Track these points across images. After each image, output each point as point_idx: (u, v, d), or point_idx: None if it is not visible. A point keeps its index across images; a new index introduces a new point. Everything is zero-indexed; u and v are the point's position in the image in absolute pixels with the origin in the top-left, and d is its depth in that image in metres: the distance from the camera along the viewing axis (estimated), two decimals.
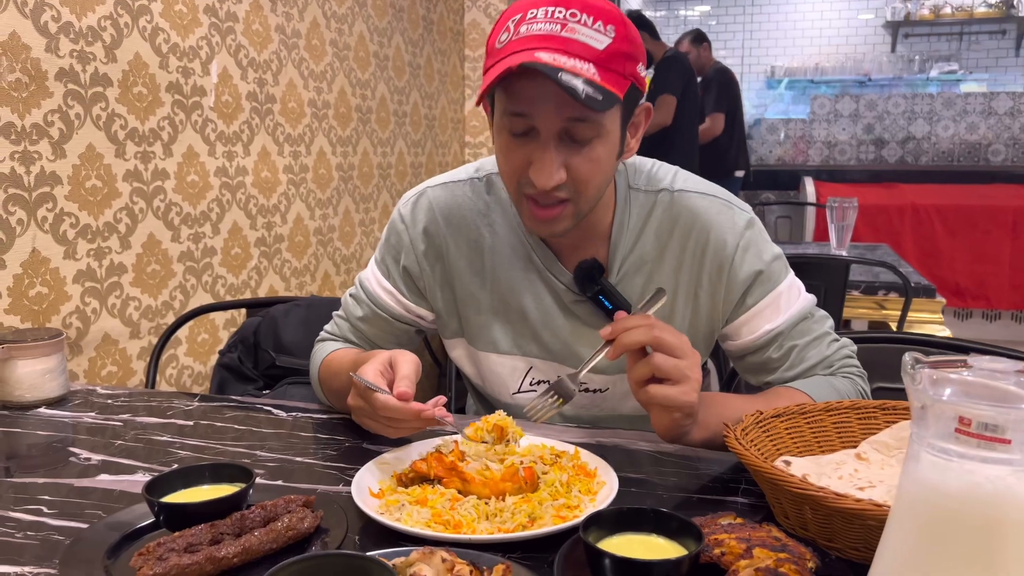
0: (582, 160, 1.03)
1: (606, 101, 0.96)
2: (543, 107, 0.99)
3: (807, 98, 6.74)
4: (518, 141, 1.04)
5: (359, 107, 2.87)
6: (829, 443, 1.06)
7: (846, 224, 2.79)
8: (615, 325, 0.96)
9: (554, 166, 1.01)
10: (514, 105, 1.01)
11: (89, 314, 1.69)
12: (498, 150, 1.09)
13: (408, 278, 1.26)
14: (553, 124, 1.00)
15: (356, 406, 1.06)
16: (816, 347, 1.18)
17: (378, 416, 1.02)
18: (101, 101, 1.70)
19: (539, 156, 1.02)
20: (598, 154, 1.03)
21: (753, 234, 1.17)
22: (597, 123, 1.01)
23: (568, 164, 1.03)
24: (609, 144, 1.04)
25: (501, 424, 1.00)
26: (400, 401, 0.98)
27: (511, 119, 1.03)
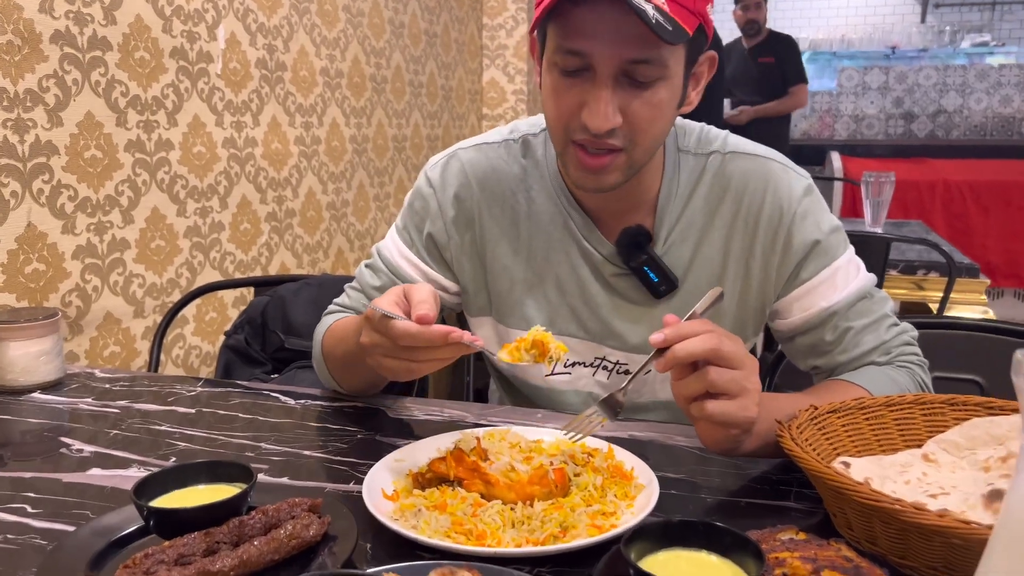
0: (642, 104, 0.92)
1: (676, 33, 0.86)
2: (601, 43, 0.89)
3: (833, 71, 6.55)
4: (570, 80, 0.93)
5: (373, 76, 2.76)
6: (891, 442, 0.96)
7: (882, 200, 2.66)
8: (669, 333, 0.83)
9: (610, 108, 0.91)
10: (569, 40, 0.91)
11: (90, 292, 1.61)
12: (546, 91, 0.98)
13: (433, 247, 1.16)
14: (611, 63, 0.90)
15: (371, 343, 0.92)
16: (874, 331, 1.07)
17: (398, 350, 0.88)
18: (100, 66, 1.60)
19: (594, 96, 0.91)
20: (660, 98, 0.93)
21: (811, 201, 1.07)
22: (661, 63, 0.91)
23: (625, 108, 0.92)
24: (672, 89, 0.94)
25: (541, 339, 0.90)
26: (422, 325, 0.86)
27: (564, 56, 0.92)
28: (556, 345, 0.90)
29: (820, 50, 7.09)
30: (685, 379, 0.84)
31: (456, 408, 1.18)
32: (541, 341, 0.90)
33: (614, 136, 0.94)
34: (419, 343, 0.86)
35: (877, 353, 1.07)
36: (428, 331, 0.85)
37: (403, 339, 0.86)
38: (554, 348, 0.90)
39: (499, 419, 1.13)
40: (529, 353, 0.91)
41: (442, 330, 0.86)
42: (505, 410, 1.18)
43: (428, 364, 0.90)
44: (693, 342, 0.82)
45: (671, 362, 0.82)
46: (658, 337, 0.83)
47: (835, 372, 1.08)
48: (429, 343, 0.86)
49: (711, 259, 1.08)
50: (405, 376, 0.93)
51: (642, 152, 0.97)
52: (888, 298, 1.11)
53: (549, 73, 0.97)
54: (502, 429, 0.98)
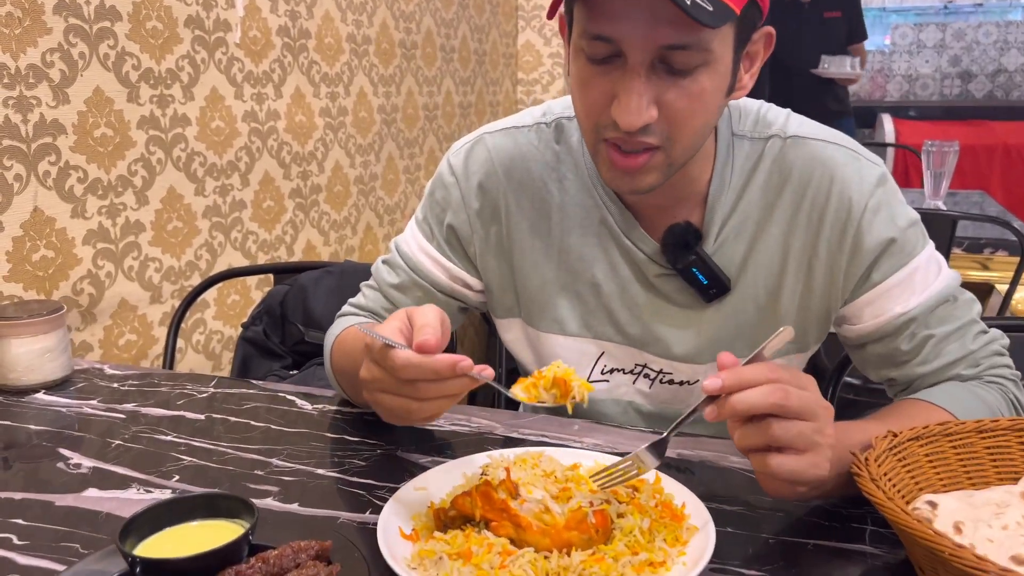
0: (680, 94, 0.80)
1: (717, 15, 0.73)
2: (632, 27, 0.77)
3: (885, 27, 6.25)
4: (598, 69, 0.81)
5: (403, 42, 2.63)
6: (982, 474, 0.84)
7: (944, 171, 2.48)
8: (727, 379, 0.70)
9: (643, 101, 0.79)
10: (595, 25, 0.79)
11: (103, 278, 1.53)
12: (573, 81, 0.86)
13: (455, 240, 1.05)
14: (644, 49, 0.77)
15: (370, 378, 0.79)
16: (959, 339, 0.94)
17: (398, 385, 0.76)
18: (109, 38, 1.50)
19: (624, 88, 0.79)
20: (702, 87, 0.80)
21: (885, 193, 0.94)
22: (702, 47, 0.78)
23: (661, 99, 0.80)
24: (717, 76, 0.81)
25: (563, 377, 0.79)
26: (425, 355, 0.73)
27: (590, 43, 0.80)
28: (580, 383, 0.79)
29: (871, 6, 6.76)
30: (744, 430, 0.72)
31: (485, 417, 1.08)
32: (563, 380, 0.79)
33: (649, 133, 0.81)
34: (422, 375, 0.74)
35: (963, 365, 0.94)
36: (432, 361, 0.73)
37: (403, 371, 0.74)
38: (577, 388, 0.79)
39: (532, 432, 1.03)
40: (548, 392, 0.79)
41: (448, 360, 0.73)
42: (539, 420, 1.07)
43: (431, 404, 0.77)
44: (753, 395, 0.70)
45: (728, 414, 0.71)
46: (714, 384, 0.70)
47: (913, 385, 0.96)
48: (434, 375, 0.74)
49: (768, 259, 0.96)
50: (403, 419, 0.80)
51: (682, 150, 0.84)
52: (975, 300, 0.97)
53: (576, 61, 0.84)
54: (535, 452, 0.87)
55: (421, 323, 0.76)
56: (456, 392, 0.77)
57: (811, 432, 0.71)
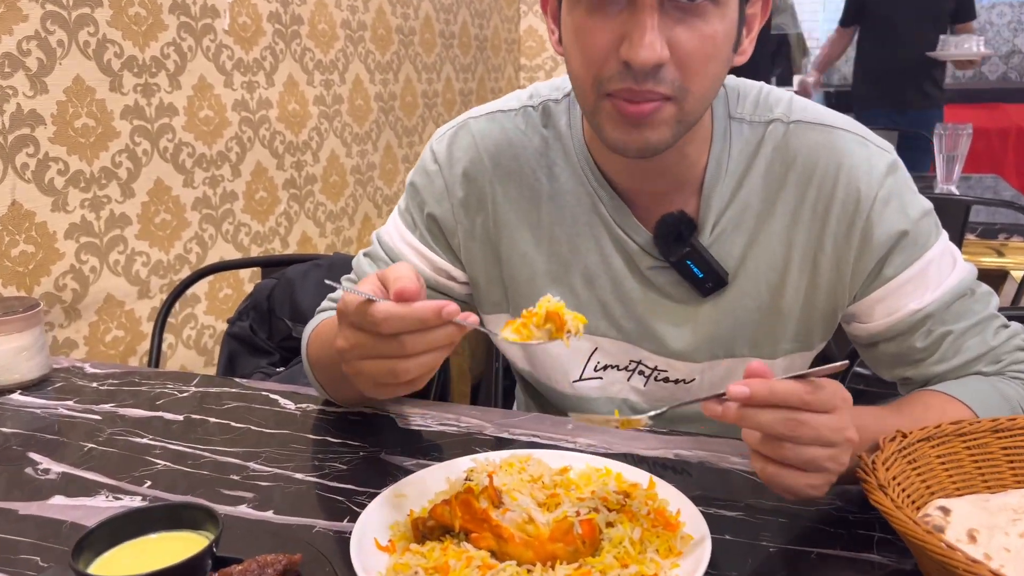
0: (692, 35, 0.75)
1: None
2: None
3: None
4: (602, 14, 0.76)
5: (400, 28, 2.57)
6: (998, 477, 0.78)
7: (957, 154, 2.41)
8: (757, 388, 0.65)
9: (657, 35, 0.73)
10: None
11: (87, 273, 1.48)
12: (569, 37, 0.81)
13: (437, 230, 1.00)
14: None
15: (348, 345, 0.72)
16: (978, 334, 0.89)
17: (381, 344, 0.70)
18: (89, 24, 1.45)
19: (637, 23, 0.74)
20: (714, 28, 0.75)
21: (896, 182, 0.87)
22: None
23: (673, 41, 0.75)
24: (727, 21, 0.77)
25: (556, 311, 0.73)
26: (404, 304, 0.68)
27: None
28: (573, 316, 0.73)
29: None
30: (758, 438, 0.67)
31: (475, 416, 1.03)
32: (556, 313, 0.73)
33: (660, 81, 0.76)
34: (406, 326, 0.68)
35: (983, 362, 0.88)
36: (415, 308, 0.68)
37: (385, 324, 0.68)
38: (571, 320, 0.73)
39: (523, 432, 0.98)
40: (542, 328, 0.74)
41: (432, 305, 0.68)
42: (531, 419, 1.02)
43: (419, 360, 0.70)
44: (764, 418, 0.65)
45: (729, 420, 0.66)
46: (742, 392, 0.65)
47: (930, 384, 0.90)
48: (420, 323, 0.68)
49: (770, 252, 0.90)
50: (390, 385, 0.73)
51: (695, 101, 0.79)
52: (992, 294, 0.91)
53: (574, 10, 0.78)
54: (522, 455, 0.83)
55: (396, 276, 0.71)
56: (444, 343, 0.70)
57: (824, 459, 0.67)
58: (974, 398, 0.84)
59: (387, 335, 0.69)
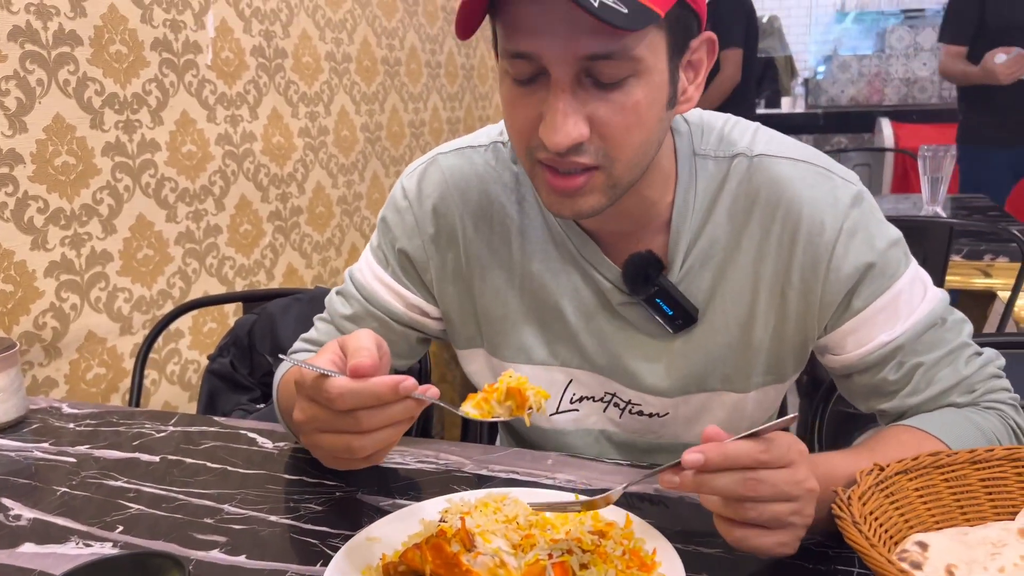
0: (611, 109, 0.74)
1: (635, 16, 0.68)
2: (550, 40, 0.71)
3: (881, 31, 6.20)
4: (525, 90, 0.76)
5: (386, 59, 2.59)
6: (977, 509, 0.77)
7: (942, 176, 2.42)
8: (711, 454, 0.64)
9: (569, 119, 0.73)
10: (514, 41, 0.73)
11: (67, 311, 1.48)
12: (502, 102, 0.81)
13: (409, 266, 0.99)
14: (566, 63, 0.72)
15: (305, 419, 0.71)
16: (950, 364, 0.88)
17: (337, 420, 0.69)
18: (69, 63, 1.46)
19: (550, 106, 0.74)
20: (633, 99, 0.74)
21: (861, 214, 0.87)
22: (629, 57, 0.72)
23: (593, 116, 0.74)
24: (651, 87, 0.75)
25: (517, 387, 0.72)
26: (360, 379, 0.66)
27: (512, 62, 0.75)
28: (535, 391, 0.73)
29: (867, 10, 6.72)
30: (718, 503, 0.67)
31: (454, 452, 1.02)
32: (517, 390, 0.73)
33: (582, 152, 0.75)
34: (361, 402, 0.67)
35: (957, 392, 0.88)
36: (370, 385, 0.66)
37: (340, 401, 0.67)
38: (533, 396, 0.72)
39: (503, 469, 0.97)
40: (503, 405, 0.73)
41: (388, 381, 0.66)
42: (510, 455, 1.01)
43: (375, 436, 0.69)
44: (721, 482, 0.64)
45: (687, 490, 0.66)
46: (696, 459, 0.64)
47: (905, 416, 0.89)
48: (375, 399, 0.66)
49: (738, 286, 0.89)
50: (346, 461, 0.73)
51: (624, 167, 0.78)
52: (965, 321, 0.91)
53: (503, 83, 0.79)
54: (498, 494, 0.82)
55: (354, 347, 0.70)
56: (401, 419, 0.69)
57: (787, 514, 0.66)
58: (948, 433, 0.83)
59: (342, 411, 0.68)
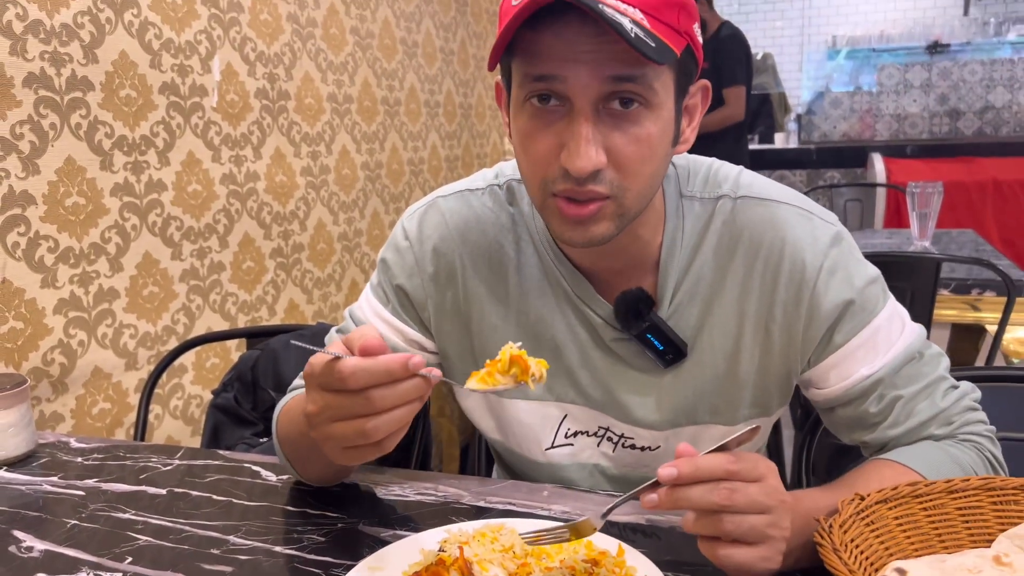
0: (627, 140, 0.79)
1: (660, 50, 0.73)
2: (575, 65, 0.76)
3: (872, 68, 6.32)
4: (543, 120, 0.80)
5: (385, 99, 2.65)
6: (954, 537, 0.81)
7: (929, 211, 2.47)
8: (683, 468, 0.68)
9: (592, 146, 0.77)
10: (538, 66, 0.78)
11: (75, 347, 1.51)
12: (517, 139, 0.85)
13: (408, 303, 1.03)
14: (591, 87, 0.77)
15: (316, 409, 0.74)
16: (928, 398, 0.92)
17: (349, 403, 0.71)
18: (81, 107, 1.51)
19: (572, 133, 0.78)
20: (647, 132, 0.79)
21: (840, 253, 0.91)
22: (648, 85, 0.77)
23: (609, 146, 0.79)
24: (661, 121, 0.80)
25: (519, 355, 0.76)
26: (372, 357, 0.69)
27: (534, 85, 0.79)
28: (536, 361, 0.76)
29: (858, 47, 6.85)
30: (696, 518, 0.70)
31: (452, 485, 1.05)
32: (519, 357, 0.76)
33: (599, 181, 0.80)
34: (374, 379, 0.69)
35: (934, 424, 0.91)
36: (382, 360, 0.70)
37: (353, 379, 0.69)
38: (534, 364, 0.76)
39: (499, 500, 1.00)
40: (507, 375, 0.76)
41: (399, 357, 0.70)
42: (507, 487, 1.04)
43: (389, 417, 0.71)
44: (696, 493, 0.67)
45: (665, 507, 0.69)
46: (669, 474, 0.68)
47: (887, 448, 0.93)
48: (387, 375, 0.69)
49: (724, 322, 0.94)
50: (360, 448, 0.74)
51: (634, 197, 0.83)
52: (942, 355, 0.95)
53: (518, 116, 0.83)
54: (495, 524, 0.85)
55: (360, 334, 0.73)
56: (413, 397, 0.72)
57: (764, 526, 0.69)
58: (926, 466, 0.87)
59: (355, 391, 0.70)
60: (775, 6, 7.30)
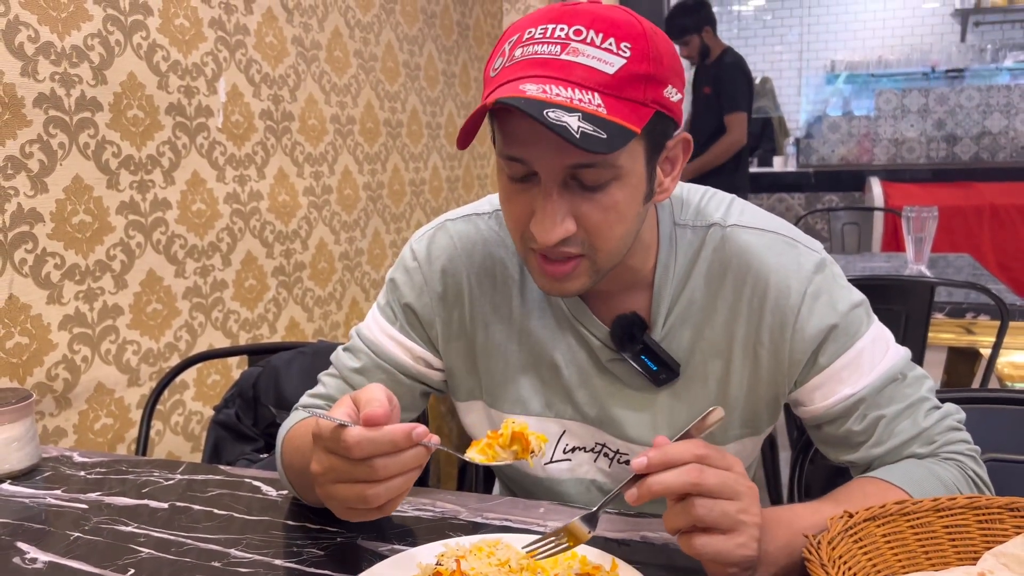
0: (594, 208, 0.83)
1: (613, 139, 0.76)
2: (540, 150, 0.80)
3: (870, 93, 6.38)
4: (519, 187, 0.85)
5: (388, 121, 2.69)
6: (941, 554, 0.82)
7: (925, 236, 2.50)
8: (653, 457, 0.73)
9: (557, 218, 0.82)
10: (509, 148, 0.83)
11: (79, 363, 1.53)
12: (499, 195, 0.90)
13: (416, 321, 1.06)
14: (553, 170, 0.81)
15: (321, 470, 0.77)
16: (910, 417, 0.94)
17: (354, 469, 0.74)
18: (89, 128, 1.54)
19: (540, 206, 0.83)
20: (614, 200, 0.83)
21: (824, 279, 0.95)
22: (610, 165, 0.81)
23: (577, 213, 0.83)
24: (629, 187, 0.84)
25: (520, 431, 0.79)
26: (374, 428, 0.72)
27: (507, 163, 0.84)
28: (537, 436, 0.80)
29: (857, 72, 6.92)
30: (671, 511, 0.73)
31: (450, 501, 1.07)
32: (520, 434, 0.79)
33: (570, 244, 0.84)
34: (377, 449, 0.73)
35: (917, 443, 0.94)
36: (385, 432, 0.73)
37: (357, 448, 0.72)
38: (535, 441, 0.79)
39: (496, 517, 1.02)
40: (508, 450, 0.80)
41: (402, 428, 0.73)
42: (505, 504, 1.06)
43: (390, 484, 0.75)
44: (668, 475, 0.71)
45: (646, 496, 0.72)
46: (640, 463, 0.72)
47: (872, 467, 0.95)
48: (391, 446, 0.73)
49: (715, 344, 0.97)
50: (361, 511, 0.78)
51: (606, 256, 0.87)
52: (926, 377, 0.98)
53: (500, 174, 0.88)
54: (492, 539, 0.86)
55: (367, 399, 0.76)
56: (414, 466, 0.75)
57: (735, 511, 0.72)
58: (908, 481, 0.89)
59: (358, 459, 0.73)
60: (774, 31, 7.38)
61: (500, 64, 0.82)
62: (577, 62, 0.78)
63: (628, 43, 0.79)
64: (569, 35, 0.79)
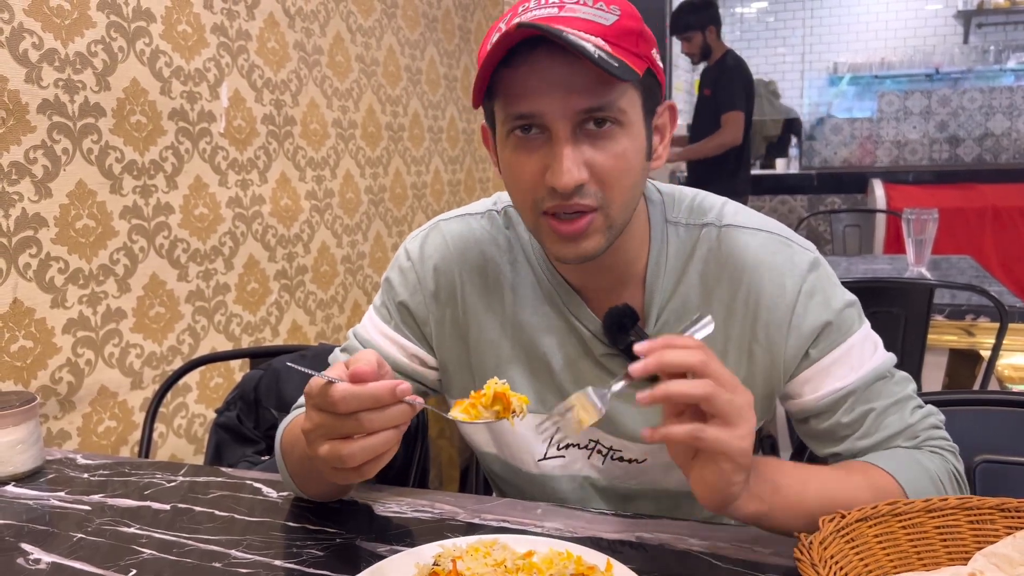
0: (605, 156, 0.86)
1: (623, 70, 0.81)
2: (551, 99, 0.84)
3: (873, 95, 6.39)
4: (527, 150, 0.88)
5: (390, 125, 2.70)
6: (932, 554, 0.83)
7: (925, 238, 2.51)
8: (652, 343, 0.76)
9: (572, 162, 0.85)
10: (517, 105, 0.86)
11: (83, 366, 1.55)
12: (506, 170, 0.92)
13: (410, 319, 1.08)
14: (565, 117, 0.85)
15: (311, 426, 0.80)
16: (897, 412, 0.97)
17: (342, 424, 0.77)
18: (92, 133, 1.55)
19: (555, 155, 0.85)
20: (622, 147, 0.87)
21: (818, 278, 0.97)
22: (617, 108, 0.85)
23: (589, 162, 0.86)
24: (634, 138, 0.88)
25: (503, 392, 0.81)
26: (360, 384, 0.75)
27: (515, 122, 0.87)
28: (517, 397, 0.82)
29: (860, 74, 6.93)
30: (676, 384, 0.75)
31: (448, 502, 1.08)
32: (502, 394, 0.81)
33: (584, 195, 0.87)
34: (362, 404, 0.76)
35: (903, 437, 0.97)
36: (370, 387, 0.76)
37: (343, 403, 0.75)
38: (516, 401, 0.81)
39: (494, 518, 1.03)
40: (490, 410, 0.81)
41: (386, 384, 0.76)
42: (503, 504, 1.07)
43: (376, 439, 0.77)
44: (675, 353, 0.75)
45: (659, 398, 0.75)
46: (642, 346, 0.75)
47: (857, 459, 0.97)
48: (374, 401, 0.76)
49: (710, 342, 0.97)
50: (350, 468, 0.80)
51: (619, 209, 0.89)
52: (910, 379, 1.01)
53: (505, 149, 0.91)
54: (489, 540, 0.87)
55: (355, 359, 0.79)
56: (399, 421, 0.78)
57: (740, 405, 0.75)
58: (896, 467, 0.92)
59: (344, 414, 0.76)
60: (777, 33, 7.39)
61: (498, 36, 0.85)
62: (576, 16, 0.83)
63: (616, 5, 0.86)
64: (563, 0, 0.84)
